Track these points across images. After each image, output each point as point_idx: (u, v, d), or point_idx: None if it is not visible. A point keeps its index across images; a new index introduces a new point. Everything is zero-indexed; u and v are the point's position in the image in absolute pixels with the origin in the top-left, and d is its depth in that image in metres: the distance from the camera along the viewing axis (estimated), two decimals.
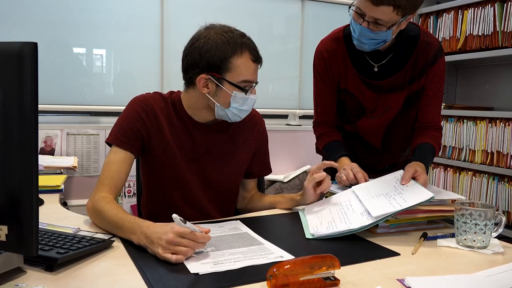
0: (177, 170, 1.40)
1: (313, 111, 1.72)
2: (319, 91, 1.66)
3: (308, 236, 1.19)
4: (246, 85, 1.32)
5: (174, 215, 0.99)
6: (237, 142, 1.47)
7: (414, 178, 1.33)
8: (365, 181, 1.40)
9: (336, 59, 1.58)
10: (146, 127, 1.36)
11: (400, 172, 1.39)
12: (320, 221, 1.26)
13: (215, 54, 1.28)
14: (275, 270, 0.83)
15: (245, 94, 1.32)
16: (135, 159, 1.38)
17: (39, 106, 0.72)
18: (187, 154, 1.41)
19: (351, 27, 1.46)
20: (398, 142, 1.69)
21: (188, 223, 1.00)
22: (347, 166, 1.46)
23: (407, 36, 1.48)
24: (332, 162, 1.42)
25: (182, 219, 0.99)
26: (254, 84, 1.35)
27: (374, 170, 1.61)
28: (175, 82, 2.99)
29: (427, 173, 1.41)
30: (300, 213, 1.39)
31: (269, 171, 1.59)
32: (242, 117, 1.38)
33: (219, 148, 1.44)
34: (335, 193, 1.42)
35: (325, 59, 1.59)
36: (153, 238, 1.00)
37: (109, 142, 1.34)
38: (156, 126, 1.37)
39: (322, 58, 1.60)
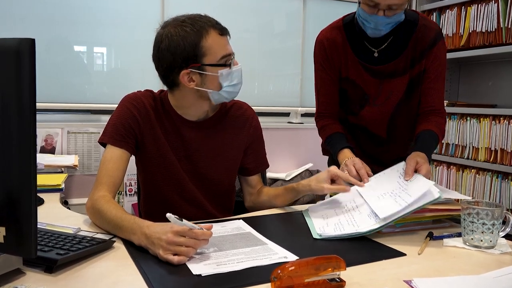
0: (171, 167, 1.39)
1: (315, 108, 1.71)
2: (321, 81, 1.65)
3: (315, 236, 1.17)
4: (226, 60, 1.30)
5: (168, 214, 0.97)
6: (228, 137, 1.45)
7: (416, 170, 1.31)
8: (368, 177, 1.38)
9: (336, 47, 1.59)
10: (139, 125, 1.35)
11: (402, 164, 1.37)
12: (326, 222, 1.24)
13: (185, 46, 1.26)
14: (279, 271, 0.81)
15: (230, 68, 1.30)
16: (130, 157, 1.36)
17: (39, 104, 0.71)
18: (179, 152, 1.39)
19: (362, 20, 1.47)
20: (404, 131, 1.67)
21: (185, 221, 0.98)
22: (349, 161, 1.44)
23: (406, 21, 1.50)
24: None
25: (177, 217, 0.97)
26: (233, 56, 1.32)
27: (382, 163, 1.59)
28: None
29: (430, 161, 1.41)
30: (304, 214, 1.37)
31: (265, 165, 1.56)
32: (238, 91, 1.36)
33: (210, 145, 1.42)
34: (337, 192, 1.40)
35: (325, 47, 1.60)
36: (153, 238, 0.98)
37: (103, 142, 1.33)
38: (148, 124, 1.36)
39: (323, 47, 1.60)
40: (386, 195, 1.26)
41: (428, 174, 1.29)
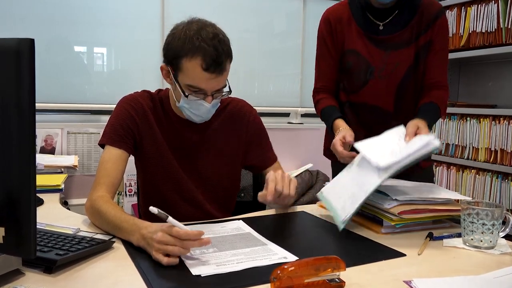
0: (170, 167, 1.39)
1: (315, 109, 1.72)
2: (321, 56, 1.70)
3: (341, 226, 1.17)
4: (194, 91, 1.25)
5: (151, 208, 0.97)
6: (226, 135, 1.45)
7: (415, 134, 1.33)
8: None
9: (341, 22, 1.64)
10: (137, 125, 1.36)
11: (402, 129, 1.37)
12: (343, 200, 1.24)
13: (171, 50, 1.26)
14: (279, 272, 0.81)
15: (186, 97, 1.26)
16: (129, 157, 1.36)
17: (39, 104, 0.71)
18: (178, 152, 1.40)
19: None
20: (411, 105, 1.64)
21: (170, 218, 0.97)
22: (331, 144, 1.46)
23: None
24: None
25: (161, 211, 0.96)
26: (213, 93, 1.27)
27: None
28: None
29: (430, 130, 1.44)
30: (321, 197, 1.36)
31: (271, 160, 1.51)
32: (196, 120, 1.34)
33: (209, 143, 1.43)
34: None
35: (330, 22, 1.65)
36: (147, 239, 0.98)
37: (102, 144, 1.34)
38: (147, 124, 1.37)
39: (328, 22, 1.66)
40: (386, 153, 1.25)
41: None
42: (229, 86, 1.32)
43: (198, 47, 1.21)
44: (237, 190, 1.54)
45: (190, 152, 1.41)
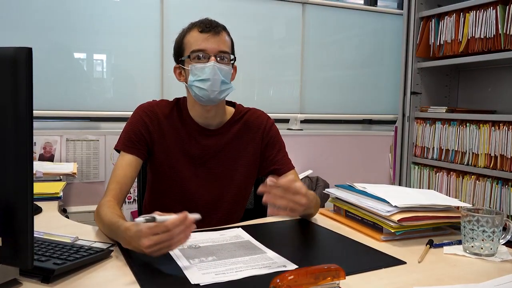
0: (178, 177, 1.40)
1: (314, 115, 1.71)
2: None
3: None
4: (198, 56, 1.32)
5: (136, 219, 0.94)
6: (242, 144, 1.46)
7: None
8: None
9: None
10: (149, 131, 1.38)
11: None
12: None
13: (175, 44, 1.39)
14: (278, 281, 0.80)
15: (191, 63, 1.32)
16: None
17: (39, 111, 0.71)
18: (193, 159, 1.41)
19: None
20: None
21: (158, 218, 0.93)
22: None
23: None
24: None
25: (147, 217, 0.93)
26: (215, 54, 1.31)
27: None
28: (175, 87, 2.98)
29: None
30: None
31: (287, 168, 1.47)
32: (209, 90, 1.30)
33: (225, 151, 1.43)
34: (340, 197, 1.42)
35: None
36: (134, 245, 0.97)
37: (117, 149, 1.37)
38: (159, 132, 1.39)
39: None
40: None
41: None
42: (234, 56, 1.38)
43: (194, 23, 1.37)
44: (246, 202, 1.54)
45: (205, 159, 1.42)
